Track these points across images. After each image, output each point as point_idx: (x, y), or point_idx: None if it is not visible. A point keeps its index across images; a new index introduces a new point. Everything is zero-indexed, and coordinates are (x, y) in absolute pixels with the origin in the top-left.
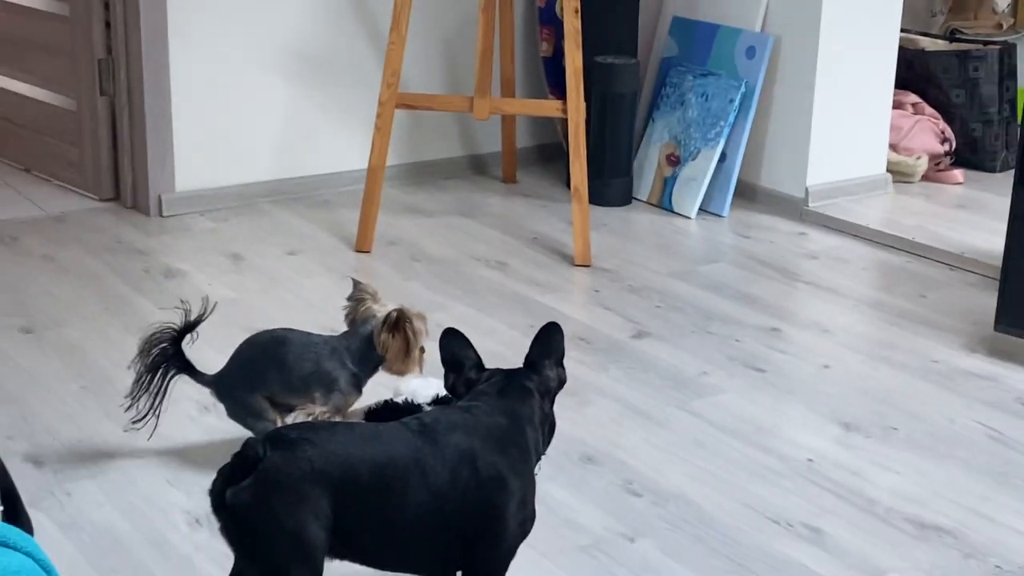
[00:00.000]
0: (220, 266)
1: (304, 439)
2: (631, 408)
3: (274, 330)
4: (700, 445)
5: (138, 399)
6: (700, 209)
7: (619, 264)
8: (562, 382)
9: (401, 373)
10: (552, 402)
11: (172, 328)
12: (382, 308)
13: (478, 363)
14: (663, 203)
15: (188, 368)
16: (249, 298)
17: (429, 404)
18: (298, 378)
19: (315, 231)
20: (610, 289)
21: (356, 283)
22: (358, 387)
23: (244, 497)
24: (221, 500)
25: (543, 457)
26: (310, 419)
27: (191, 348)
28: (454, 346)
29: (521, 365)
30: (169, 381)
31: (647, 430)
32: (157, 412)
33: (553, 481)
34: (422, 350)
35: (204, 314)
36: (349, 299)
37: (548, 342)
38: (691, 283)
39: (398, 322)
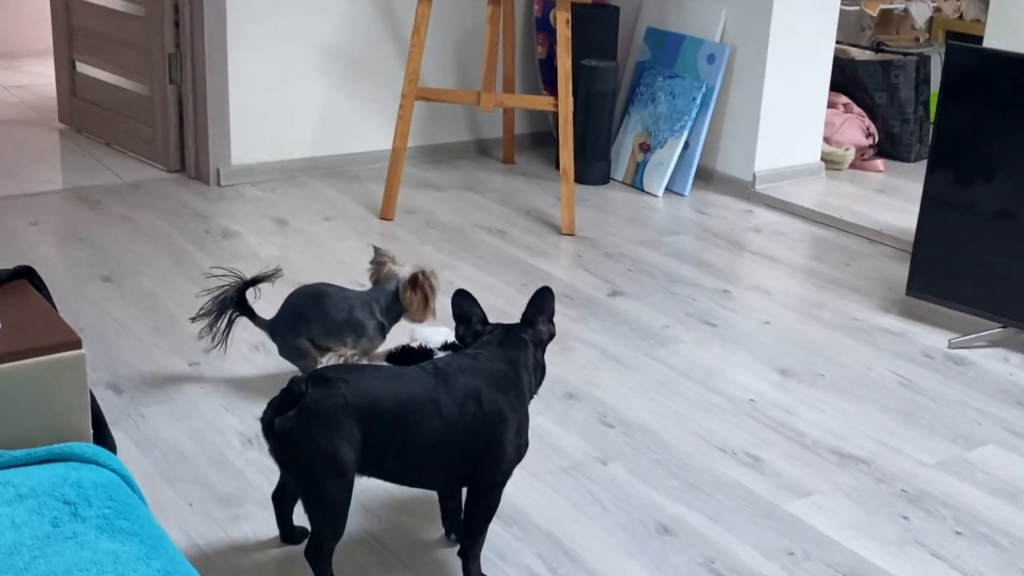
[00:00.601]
0: (268, 229)
1: (339, 378)
2: (606, 354)
3: (315, 284)
4: (662, 385)
5: (211, 329)
6: (666, 189)
7: (598, 234)
8: (552, 335)
9: (420, 321)
10: (543, 351)
11: (241, 279)
12: (400, 268)
13: (483, 318)
14: (636, 183)
15: (250, 312)
16: (292, 256)
17: (439, 348)
18: (334, 324)
19: (346, 201)
20: (590, 254)
21: (376, 249)
22: (383, 334)
23: (290, 425)
24: (271, 427)
25: (535, 396)
26: (343, 360)
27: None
28: (464, 304)
29: (519, 320)
30: (233, 320)
31: (619, 373)
32: (225, 342)
33: (541, 415)
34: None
35: (272, 274)
36: (372, 262)
37: (541, 302)
38: (657, 251)
39: (420, 281)
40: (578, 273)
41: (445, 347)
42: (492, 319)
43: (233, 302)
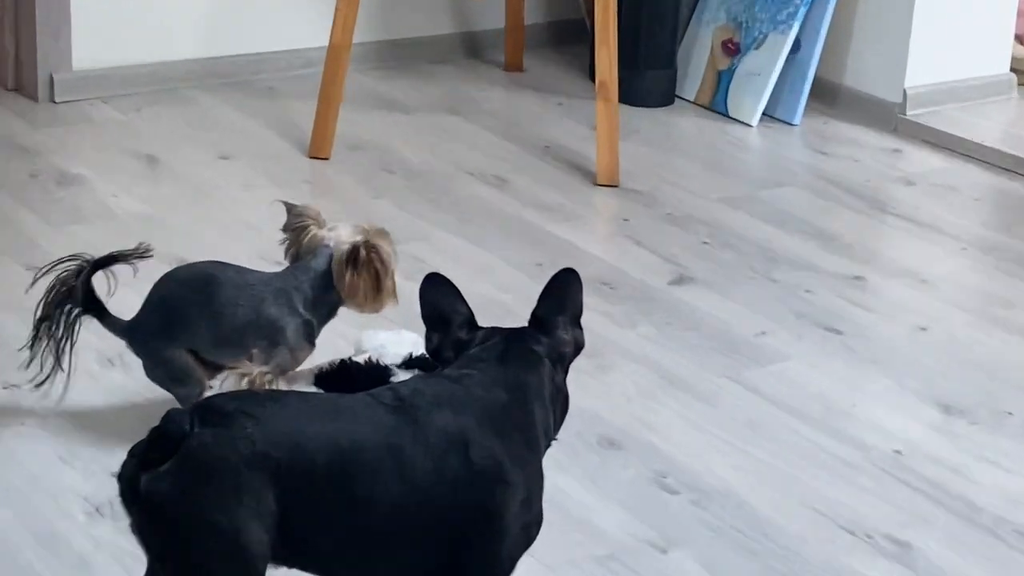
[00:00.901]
0: (130, 171)
1: (244, 412)
2: (666, 376)
3: (201, 264)
4: (755, 428)
5: (39, 349)
6: (764, 114)
7: (655, 185)
8: (579, 346)
9: (375, 311)
10: (566, 371)
11: (84, 259)
12: (334, 233)
13: (469, 319)
14: (715, 105)
15: (98, 309)
16: (167, 216)
17: (400, 366)
18: (231, 328)
19: (255, 129)
20: (643, 218)
21: (290, 208)
22: (310, 339)
23: (164, 486)
24: (134, 488)
25: (554, 441)
26: (246, 383)
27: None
28: (439, 297)
29: (527, 323)
30: (74, 323)
31: (686, 406)
32: (62, 365)
33: (565, 472)
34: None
35: (135, 253)
36: (286, 228)
37: (562, 294)
38: (749, 213)
39: (364, 253)
40: (623, 248)
41: (410, 363)
42: (485, 321)
43: (73, 292)
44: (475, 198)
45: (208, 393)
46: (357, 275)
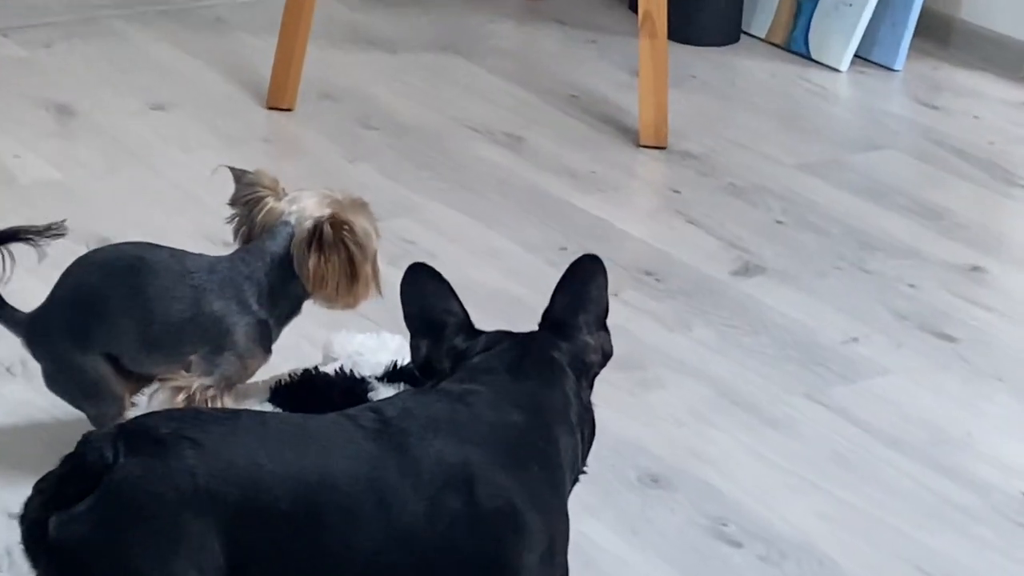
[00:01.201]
0: (36, 124)
1: (183, 437)
2: (726, 395)
3: (126, 245)
4: (841, 462)
5: None
6: (856, 57)
7: (715, 146)
8: (607, 355)
9: (349, 306)
10: (591, 386)
11: None
12: (296, 206)
13: (465, 322)
14: (793, 44)
15: None
16: (84, 183)
17: (381, 378)
18: (164, 328)
19: (199, 70)
20: (698, 189)
21: (239, 175)
22: (265, 343)
23: (80, 530)
24: (41, 533)
25: (582, 476)
26: (182, 400)
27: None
28: (426, 295)
29: (539, 326)
30: None
31: (752, 434)
32: None
33: (596, 517)
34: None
35: (45, 231)
36: (234, 202)
37: (583, 288)
38: (836, 183)
39: (333, 231)
40: (673, 227)
41: (393, 375)
42: (493, 322)
43: None
44: (481, 161)
45: (130, 413)
46: (325, 259)
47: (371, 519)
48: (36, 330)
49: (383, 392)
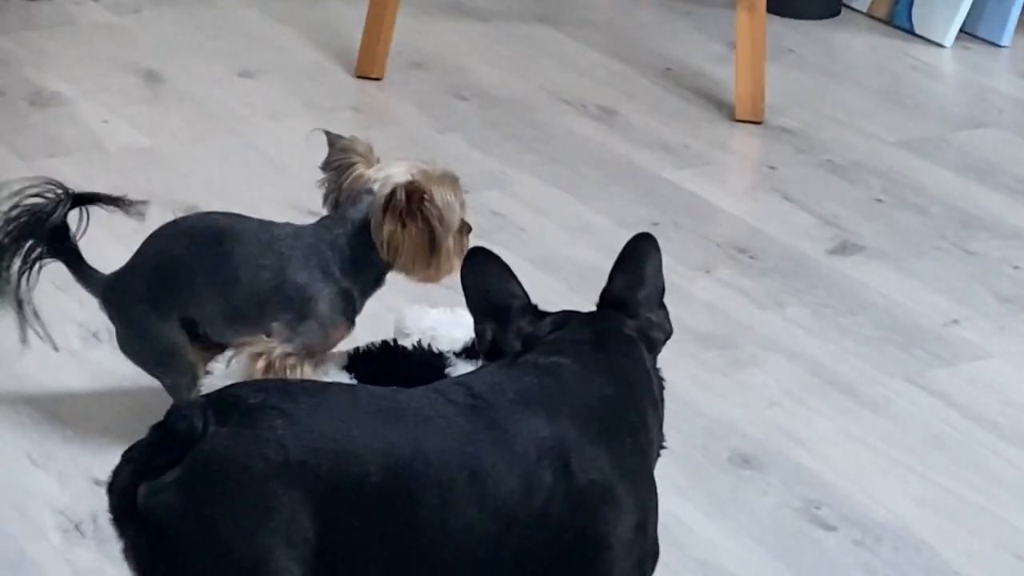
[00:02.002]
0: (124, 90)
1: (273, 408)
2: (821, 375)
3: (214, 215)
4: (940, 447)
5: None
6: (961, 31)
7: (813, 122)
8: (667, 334)
9: (429, 279)
10: (655, 361)
11: (60, 190)
12: (383, 173)
13: (528, 304)
14: (896, 18)
15: (71, 255)
16: (171, 150)
17: (459, 354)
18: (248, 297)
19: (288, 38)
20: (795, 165)
21: (333, 140)
22: (348, 313)
23: (168, 500)
24: (129, 503)
25: (663, 451)
26: (261, 368)
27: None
28: (488, 279)
29: (598, 304)
30: (36, 263)
31: (848, 416)
32: (27, 315)
33: (685, 497)
34: (467, 229)
35: (124, 202)
36: (326, 167)
37: (640, 267)
38: (938, 161)
39: (408, 199)
40: (768, 204)
41: (472, 351)
42: (585, 298)
43: (41, 231)
44: (572, 134)
45: (206, 382)
46: (401, 227)
47: (464, 494)
48: (114, 292)
49: (461, 368)
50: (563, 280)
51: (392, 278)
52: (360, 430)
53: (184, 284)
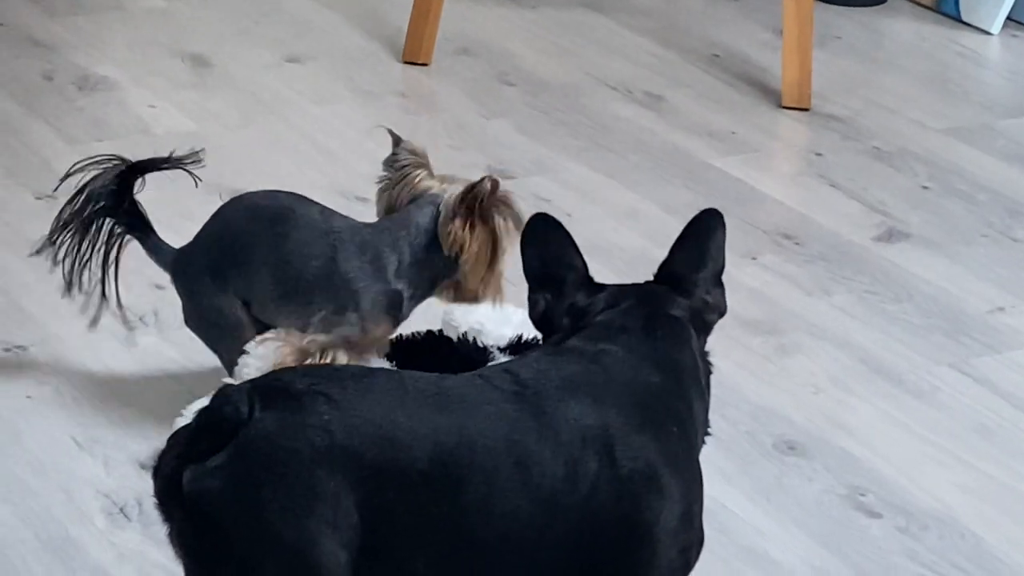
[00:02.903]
0: (171, 75)
1: (320, 393)
2: (867, 362)
3: (281, 194)
4: (986, 435)
5: (63, 256)
6: (1008, 19)
7: (860, 109)
8: (721, 313)
9: (473, 298)
10: (705, 343)
11: (124, 162)
12: (445, 184)
13: (586, 277)
14: (942, 5)
15: (143, 229)
16: (218, 134)
17: (504, 349)
18: (297, 281)
19: (335, 23)
20: (842, 152)
21: (398, 139)
22: (394, 312)
23: (214, 485)
24: (175, 487)
25: (708, 438)
26: (289, 355)
27: None
28: (548, 247)
29: (653, 279)
30: (116, 245)
31: (894, 403)
32: (106, 293)
33: (731, 483)
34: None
35: (185, 159)
36: (388, 165)
37: (702, 243)
38: (985, 149)
39: (491, 193)
40: (814, 190)
41: (517, 347)
42: (630, 277)
43: (114, 205)
44: (619, 120)
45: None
46: (470, 225)
47: (510, 482)
48: (181, 265)
49: (499, 360)
50: (610, 266)
51: None
52: (406, 416)
53: (242, 261)
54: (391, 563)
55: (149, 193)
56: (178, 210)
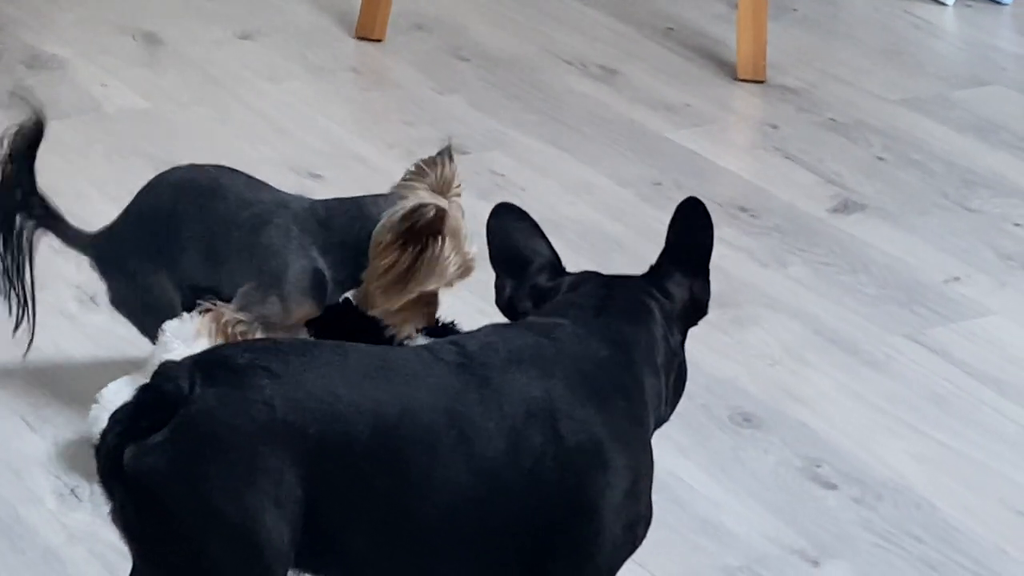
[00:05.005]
0: (122, 52)
1: (261, 368)
2: (823, 333)
3: (206, 168)
4: (941, 404)
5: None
6: None
7: (815, 81)
8: (701, 307)
9: (374, 307)
10: (683, 335)
11: (28, 127)
12: (421, 195)
13: (552, 262)
14: None
15: (53, 217)
16: (170, 112)
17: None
18: (220, 255)
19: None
20: (797, 124)
21: (439, 159)
22: (317, 294)
23: (154, 462)
24: (117, 464)
25: (666, 421)
26: (213, 332)
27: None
28: (512, 234)
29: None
30: (29, 241)
31: (849, 373)
32: (27, 303)
33: (686, 456)
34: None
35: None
36: (409, 175)
37: (683, 233)
38: (940, 119)
39: (425, 225)
40: (769, 162)
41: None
42: (586, 258)
43: (22, 194)
44: (573, 94)
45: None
46: (401, 244)
47: (452, 454)
48: (105, 247)
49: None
50: (564, 239)
51: None
52: (348, 389)
53: (170, 237)
54: (333, 539)
55: (98, 170)
56: (128, 188)
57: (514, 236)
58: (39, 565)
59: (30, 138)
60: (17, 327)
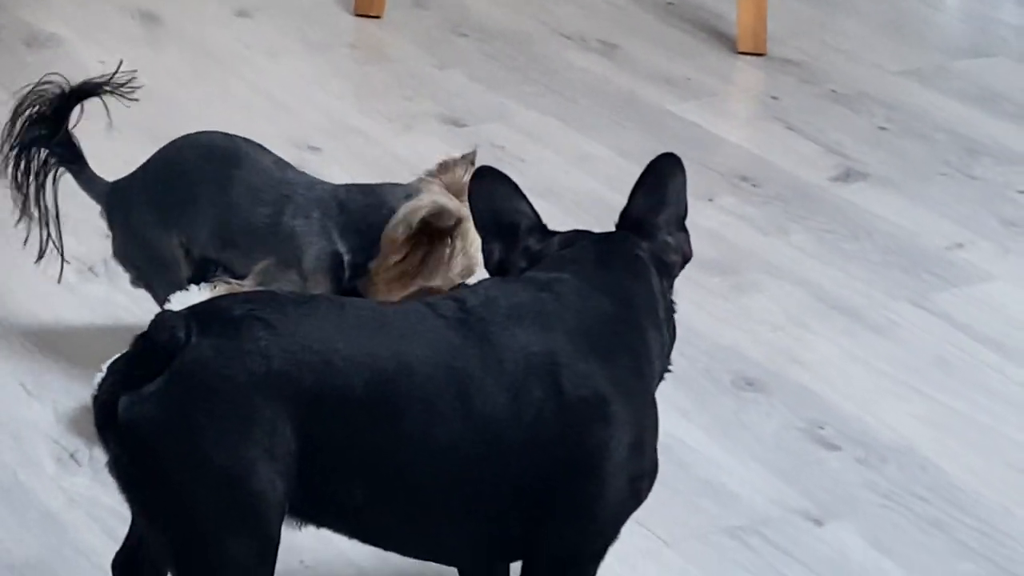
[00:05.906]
0: (121, 31)
1: (257, 319)
2: (825, 299)
3: (236, 137)
4: (944, 367)
5: (24, 210)
6: None
7: (816, 52)
8: (686, 257)
9: (375, 297)
10: (671, 289)
11: (55, 88)
12: (439, 195)
13: (538, 223)
14: None
15: (76, 160)
16: (169, 89)
17: None
18: (242, 227)
19: None
20: (798, 95)
21: (463, 157)
22: (334, 276)
23: (148, 411)
24: (111, 414)
25: (666, 376)
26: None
27: None
28: (496, 198)
29: (615, 225)
30: (49, 176)
31: (852, 338)
32: (51, 231)
33: (689, 419)
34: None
35: (118, 84)
36: (430, 173)
37: (662, 187)
38: (942, 91)
39: (451, 227)
40: (771, 133)
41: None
42: (583, 220)
43: (43, 133)
44: (574, 68)
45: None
46: (413, 241)
47: (450, 409)
48: (118, 195)
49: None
50: (563, 208)
51: None
52: (345, 343)
53: (187, 197)
54: (328, 492)
55: (96, 142)
56: (126, 159)
57: (498, 199)
58: (38, 529)
59: (73, 93)
60: (41, 256)
